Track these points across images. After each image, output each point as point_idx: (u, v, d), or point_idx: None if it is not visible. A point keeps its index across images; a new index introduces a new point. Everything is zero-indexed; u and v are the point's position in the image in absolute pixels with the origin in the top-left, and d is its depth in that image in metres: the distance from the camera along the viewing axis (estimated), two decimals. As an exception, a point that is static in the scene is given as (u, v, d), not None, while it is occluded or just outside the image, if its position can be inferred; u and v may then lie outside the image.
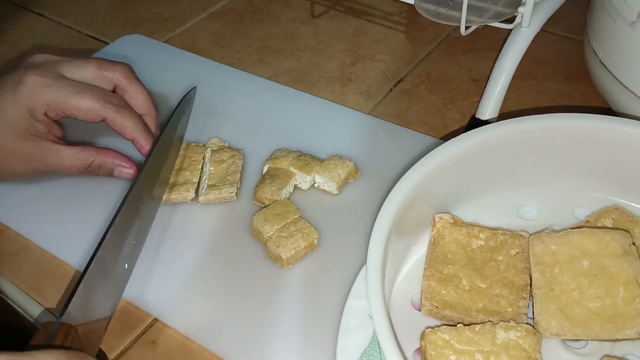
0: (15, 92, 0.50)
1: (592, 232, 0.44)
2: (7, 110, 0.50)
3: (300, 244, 0.49)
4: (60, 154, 0.52)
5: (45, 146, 0.52)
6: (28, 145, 0.51)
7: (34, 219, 0.55)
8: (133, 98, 0.54)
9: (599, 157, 0.48)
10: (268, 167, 0.57)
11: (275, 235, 0.50)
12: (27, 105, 0.50)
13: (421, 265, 0.46)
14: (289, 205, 0.52)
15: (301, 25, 0.79)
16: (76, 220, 0.54)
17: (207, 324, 0.47)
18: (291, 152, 0.58)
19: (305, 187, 0.56)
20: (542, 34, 0.60)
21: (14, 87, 0.50)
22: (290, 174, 0.55)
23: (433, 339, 0.39)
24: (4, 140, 0.51)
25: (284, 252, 0.49)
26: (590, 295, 0.42)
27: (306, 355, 0.44)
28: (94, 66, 0.53)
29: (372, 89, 0.68)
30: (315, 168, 0.55)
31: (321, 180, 0.55)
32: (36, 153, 0.52)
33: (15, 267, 0.52)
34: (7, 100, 0.50)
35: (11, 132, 0.51)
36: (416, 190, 0.43)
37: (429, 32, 0.76)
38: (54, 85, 0.50)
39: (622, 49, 0.54)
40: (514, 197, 0.51)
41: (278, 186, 0.54)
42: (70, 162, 0.52)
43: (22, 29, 0.81)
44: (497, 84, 0.58)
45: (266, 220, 0.51)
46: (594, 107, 0.63)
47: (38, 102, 0.50)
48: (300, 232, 0.50)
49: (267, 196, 0.54)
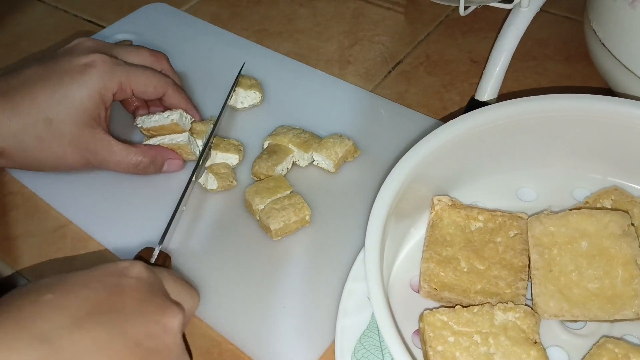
0: (84, 74, 0.51)
1: (590, 213, 0.44)
2: (73, 93, 0.51)
3: (291, 217, 0.50)
4: (112, 147, 0.53)
5: (100, 136, 0.52)
6: (86, 133, 0.51)
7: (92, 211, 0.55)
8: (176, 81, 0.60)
9: (598, 138, 0.47)
10: (268, 142, 0.57)
11: (268, 207, 0.51)
12: (99, 86, 0.51)
13: (420, 247, 0.46)
14: (282, 180, 0.53)
15: (299, 7, 0.78)
16: (105, 199, 0.55)
17: (203, 294, 0.47)
18: (292, 129, 0.58)
19: (303, 165, 0.56)
20: (542, 14, 0.59)
21: (83, 70, 0.51)
22: (289, 150, 0.56)
23: (431, 320, 0.40)
24: (65, 126, 0.51)
25: (273, 223, 0.50)
26: (589, 276, 0.42)
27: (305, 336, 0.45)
28: (146, 52, 0.58)
29: (370, 71, 0.68)
30: (314, 146, 0.56)
31: (319, 158, 0.56)
32: (91, 143, 0.52)
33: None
34: (73, 85, 0.51)
35: (74, 116, 0.51)
36: (415, 173, 0.43)
37: (428, 13, 0.75)
38: (122, 65, 0.54)
39: (622, 29, 0.53)
40: (513, 178, 0.50)
41: (274, 162, 0.54)
42: (121, 156, 0.53)
43: (18, 13, 0.81)
44: (497, 65, 0.58)
45: (257, 193, 0.52)
46: (594, 87, 0.63)
47: (112, 81, 0.52)
48: (293, 207, 0.50)
49: (263, 171, 0.54)
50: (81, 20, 0.79)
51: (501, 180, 0.50)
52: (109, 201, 0.55)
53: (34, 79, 0.51)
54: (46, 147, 0.51)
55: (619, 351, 0.38)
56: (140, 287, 0.38)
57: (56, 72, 0.51)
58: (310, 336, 0.45)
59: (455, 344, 0.38)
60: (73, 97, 0.50)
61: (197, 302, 0.43)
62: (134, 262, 0.40)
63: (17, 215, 0.55)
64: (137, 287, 0.38)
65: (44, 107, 0.50)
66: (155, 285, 0.39)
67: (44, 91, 0.50)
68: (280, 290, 0.47)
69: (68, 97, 0.50)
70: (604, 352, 0.38)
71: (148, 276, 0.39)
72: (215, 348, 0.45)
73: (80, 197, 0.56)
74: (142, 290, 0.38)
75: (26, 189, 0.57)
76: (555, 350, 0.41)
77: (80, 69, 0.51)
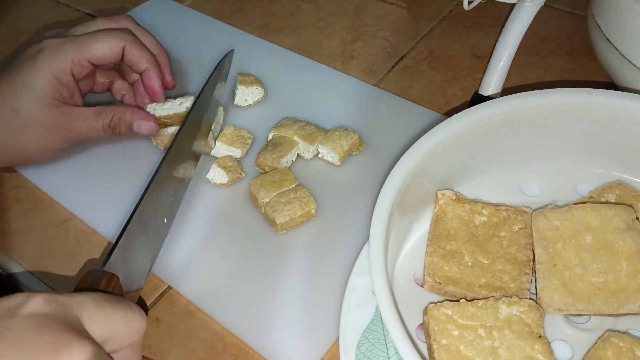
0: (36, 60, 0.51)
1: (595, 207, 0.44)
2: (30, 80, 0.51)
3: (297, 211, 0.50)
4: (83, 114, 0.53)
5: (69, 111, 0.53)
6: (54, 112, 0.52)
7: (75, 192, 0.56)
8: (142, 39, 0.56)
9: (602, 132, 0.47)
10: (273, 134, 0.57)
11: (273, 200, 0.50)
12: (51, 69, 0.51)
13: (424, 242, 0.46)
14: (287, 173, 0.53)
15: (301, 2, 0.78)
16: (109, 193, 0.55)
17: (205, 285, 0.48)
18: (297, 121, 0.58)
19: (308, 157, 0.56)
20: (546, 9, 0.59)
21: (34, 56, 0.52)
22: (294, 142, 0.56)
23: (436, 314, 0.40)
24: (32, 112, 0.51)
25: (279, 217, 0.50)
26: (593, 270, 0.42)
27: (310, 330, 0.45)
28: (100, 20, 0.56)
29: (373, 67, 0.68)
30: (319, 138, 0.56)
31: (324, 150, 0.56)
32: (62, 119, 0.52)
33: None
34: (29, 71, 0.51)
35: (37, 102, 0.51)
36: (419, 167, 0.43)
37: (432, 8, 0.75)
38: (71, 41, 0.53)
39: (626, 24, 0.53)
40: (517, 173, 0.50)
41: (279, 154, 0.54)
42: (93, 120, 0.53)
43: (20, 8, 0.81)
44: (500, 59, 0.57)
45: (262, 187, 0.52)
46: (598, 82, 0.63)
47: (61, 61, 0.52)
48: (299, 200, 0.50)
49: (268, 163, 0.54)
50: (83, 14, 0.79)
51: (505, 175, 0.50)
52: (112, 195, 0.55)
53: (1, 74, 0.52)
54: (23, 134, 0.52)
55: (623, 345, 0.38)
56: (27, 325, 0.31)
57: (14, 64, 0.52)
58: (316, 330, 0.45)
59: (460, 338, 0.38)
60: (30, 84, 0.51)
61: (137, 326, 0.36)
62: (32, 295, 0.33)
63: (21, 209, 0.55)
64: (22, 327, 0.31)
65: (8, 98, 0.51)
66: (56, 318, 0.32)
67: (7, 83, 0.51)
68: (285, 284, 0.48)
69: (26, 85, 0.51)
70: (609, 346, 0.38)
71: (49, 309, 0.32)
72: (219, 342, 0.45)
73: (83, 190, 0.56)
74: (28, 329, 0.31)
75: (29, 182, 0.57)
76: (560, 344, 0.41)
77: (32, 56, 0.52)
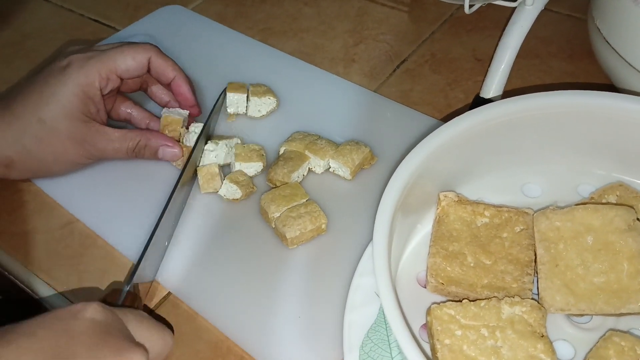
0: (64, 73, 0.52)
1: (596, 208, 0.44)
2: (59, 94, 0.52)
3: (307, 226, 0.50)
4: (109, 135, 0.54)
5: (95, 128, 0.53)
6: (81, 127, 0.53)
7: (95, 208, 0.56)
8: None
9: (602, 134, 0.48)
10: (284, 149, 0.57)
11: (284, 215, 0.50)
12: (79, 82, 0.52)
13: (426, 243, 0.47)
14: (298, 188, 0.53)
15: (304, 6, 0.79)
16: (125, 208, 0.55)
17: (213, 298, 0.48)
18: (308, 135, 0.58)
19: (319, 171, 0.56)
20: (546, 13, 0.60)
21: (62, 71, 0.52)
22: (305, 157, 0.55)
23: (439, 314, 0.40)
24: (59, 123, 0.52)
25: (289, 231, 0.49)
26: (595, 271, 0.42)
27: (312, 332, 0.45)
28: (126, 43, 0.57)
29: (375, 70, 0.68)
30: (330, 153, 0.55)
31: (335, 165, 0.55)
32: (88, 135, 0.53)
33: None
34: (58, 83, 0.52)
35: (65, 115, 0.52)
36: (421, 169, 0.43)
37: (433, 11, 0.76)
38: (97, 55, 0.54)
39: (626, 27, 0.53)
40: (518, 175, 0.51)
41: (290, 169, 0.54)
42: (119, 143, 0.54)
43: (25, 13, 0.81)
44: (501, 62, 0.58)
45: (273, 201, 0.51)
46: (598, 84, 0.63)
47: (90, 75, 0.52)
48: (309, 215, 0.50)
49: (279, 178, 0.54)
50: (87, 19, 0.79)
51: (506, 177, 0.50)
52: (115, 199, 0.55)
53: (25, 85, 0.53)
54: (46, 145, 0.52)
55: (625, 344, 0.39)
56: (93, 329, 0.35)
57: (42, 76, 0.53)
58: (322, 345, 0.45)
59: (463, 338, 0.39)
60: (59, 95, 0.52)
61: (169, 343, 0.41)
62: (89, 304, 0.37)
63: (26, 212, 0.56)
64: (89, 331, 0.35)
65: (35, 108, 0.52)
66: (114, 326, 0.37)
67: (33, 94, 0.52)
68: (294, 298, 0.47)
69: (55, 95, 0.52)
70: (611, 345, 0.39)
71: (105, 317, 0.36)
72: (224, 342, 0.46)
73: (87, 194, 0.56)
74: (95, 333, 0.35)
75: (34, 186, 0.57)
76: (562, 343, 0.41)
77: (61, 70, 0.53)
